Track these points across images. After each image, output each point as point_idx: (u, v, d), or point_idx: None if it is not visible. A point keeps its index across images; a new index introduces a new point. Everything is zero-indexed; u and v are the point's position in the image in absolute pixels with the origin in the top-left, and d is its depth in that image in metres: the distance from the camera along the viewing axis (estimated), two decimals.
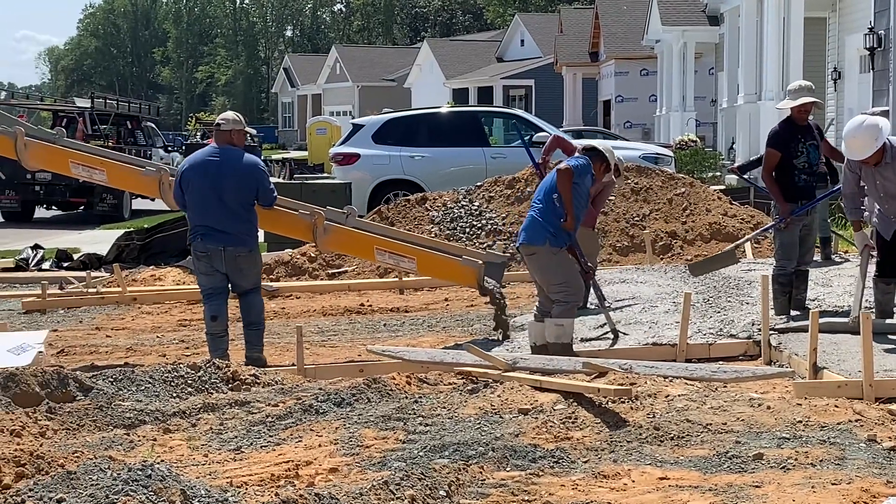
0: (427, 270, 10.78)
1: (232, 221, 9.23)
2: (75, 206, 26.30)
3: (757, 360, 8.76)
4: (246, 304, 9.43)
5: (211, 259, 9.30)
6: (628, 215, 15.13)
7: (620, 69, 41.72)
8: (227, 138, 9.46)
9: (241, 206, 9.28)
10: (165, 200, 10.33)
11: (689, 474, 5.53)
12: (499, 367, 7.62)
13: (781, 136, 9.67)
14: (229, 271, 9.32)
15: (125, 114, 29.76)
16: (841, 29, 21.30)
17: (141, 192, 10.96)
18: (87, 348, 10.55)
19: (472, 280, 10.33)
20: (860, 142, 8.58)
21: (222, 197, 9.21)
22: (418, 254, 10.40)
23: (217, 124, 9.56)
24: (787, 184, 9.64)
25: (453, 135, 19.21)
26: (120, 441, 6.53)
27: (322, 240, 10.16)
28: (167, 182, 10.06)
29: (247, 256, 9.35)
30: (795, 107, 9.64)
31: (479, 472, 5.55)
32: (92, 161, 10.39)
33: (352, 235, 10.36)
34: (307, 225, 10.07)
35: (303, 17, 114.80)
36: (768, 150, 9.74)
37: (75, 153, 10.45)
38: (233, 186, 9.24)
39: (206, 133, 44.54)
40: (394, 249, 10.33)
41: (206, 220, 9.25)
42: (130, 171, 10.44)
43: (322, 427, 6.66)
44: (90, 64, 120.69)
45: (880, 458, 5.70)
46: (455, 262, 10.40)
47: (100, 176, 10.49)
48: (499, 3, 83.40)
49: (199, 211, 9.31)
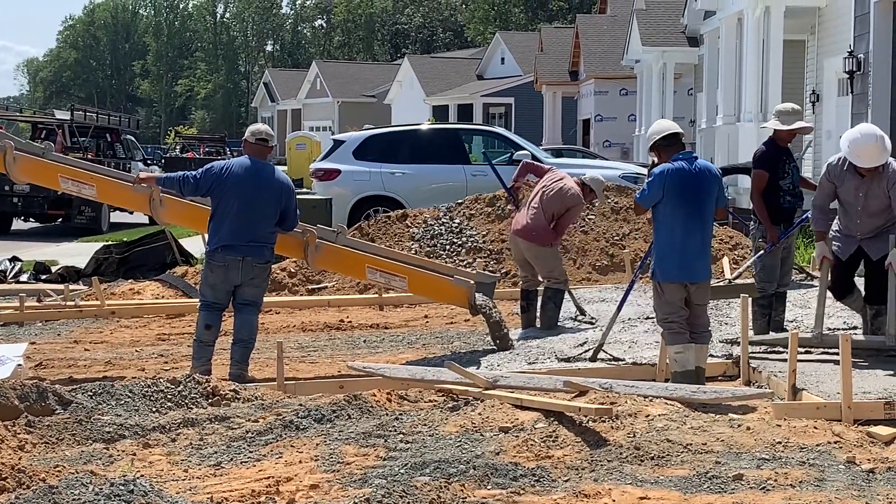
0: (418, 289, 10.76)
1: (258, 233, 9.23)
2: (53, 218, 26.19)
3: (736, 380, 8.79)
4: (243, 320, 9.37)
5: (227, 270, 9.22)
6: (608, 234, 15.17)
7: (600, 88, 41.87)
8: (265, 153, 9.47)
9: (271, 220, 9.30)
10: (156, 216, 10.27)
11: (670, 494, 5.54)
12: (480, 384, 7.63)
13: (769, 157, 9.68)
14: (243, 281, 9.25)
15: (105, 126, 29.67)
16: (820, 52, 21.44)
17: (131, 207, 10.91)
18: (66, 362, 10.50)
19: (463, 299, 10.32)
20: (876, 149, 8.57)
21: (256, 210, 9.19)
22: (410, 273, 10.40)
23: (263, 139, 9.44)
24: (775, 205, 9.67)
25: (434, 152, 19.23)
26: (99, 455, 6.50)
27: (314, 258, 10.12)
28: (158, 198, 9.98)
29: (263, 267, 9.36)
30: (788, 130, 9.65)
31: (460, 490, 5.55)
32: (82, 176, 10.37)
33: (343, 254, 10.34)
34: (299, 242, 10.03)
35: (283, 32, 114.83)
36: (757, 172, 9.70)
37: (65, 168, 10.42)
38: (267, 202, 9.24)
39: (185, 147, 44.41)
40: (385, 268, 10.33)
41: (234, 231, 9.17)
42: (121, 186, 10.40)
43: (302, 443, 6.65)
44: (69, 76, 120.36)
45: (859, 481, 5.73)
46: (446, 282, 10.42)
47: (89, 191, 10.45)
48: (479, 21, 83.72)
49: (232, 220, 9.18)
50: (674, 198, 8.10)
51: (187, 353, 10.75)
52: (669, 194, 8.10)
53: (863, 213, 8.80)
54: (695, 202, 8.14)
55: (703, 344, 8.34)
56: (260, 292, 9.47)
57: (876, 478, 5.79)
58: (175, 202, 10.11)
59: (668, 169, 8.14)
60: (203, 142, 46.88)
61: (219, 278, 9.28)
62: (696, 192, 8.13)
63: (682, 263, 8.15)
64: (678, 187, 8.09)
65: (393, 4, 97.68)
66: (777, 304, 9.83)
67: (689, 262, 8.16)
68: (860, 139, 8.64)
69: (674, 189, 8.09)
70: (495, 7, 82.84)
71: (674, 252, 8.15)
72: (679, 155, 8.23)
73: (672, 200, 8.11)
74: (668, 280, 8.21)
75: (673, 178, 8.10)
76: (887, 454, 6.24)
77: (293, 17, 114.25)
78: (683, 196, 8.10)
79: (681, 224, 8.13)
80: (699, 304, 8.34)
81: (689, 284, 8.21)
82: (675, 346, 8.20)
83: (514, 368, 9.05)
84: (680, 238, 8.13)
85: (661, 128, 8.42)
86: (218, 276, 9.28)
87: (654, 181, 8.15)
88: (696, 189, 8.13)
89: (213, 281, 9.34)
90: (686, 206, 8.12)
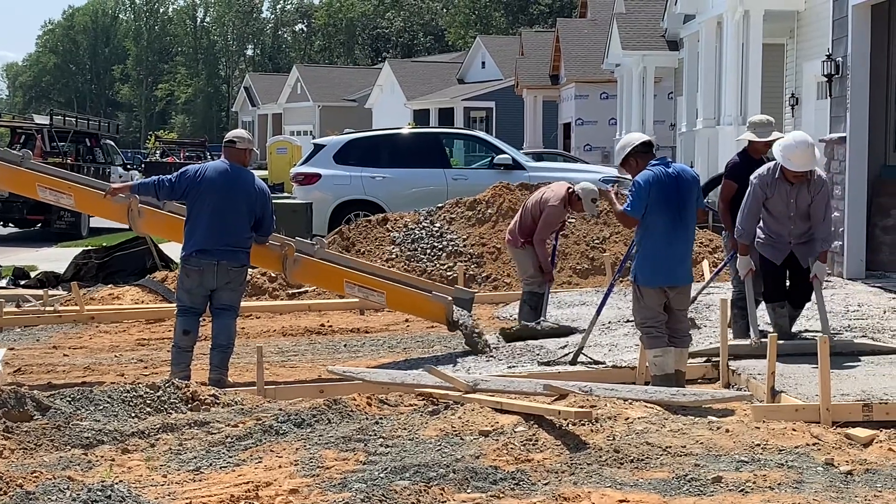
0: (396, 305, 10.82)
1: (232, 239, 9.19)
2: (33, 223, 26.11)
3: (715, 383, 8.81)
4: (220, 325, 9.34)
5: (202, 275, 9.19)
6: (588, 238, 15.19)
7: (580, 92, 41.90)
8: (241, 157, 9.42)
9: (245, 224, 9.26)
10: (134, 227, 10.25)
11: (649, 497, 5.55)
12: (459, 388, 7.62)
13: (740, 169, 9.75)
14: (219, 285, 9.21)
15: (84, 131, 29.56)
16: (799, 55, 21.51)
17: (109, 217, 10.85)
18: (45, 367, 10.46)
19: (440, 315, 10.40)
20: (808, 154, 8.81)
21: (229, 214, 9.17)
22: (388, 288, 10.45)
23: (231, 142, 9.45)
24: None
25: (414, 156, 19.22)
26: (78, 461, 6.48)
27: (291, 271, 10.14)
28: (136, 209, 9.96)
29: (238, 271, 9.32)
30: (762, 143, 9.71)
31: (440, 494, 5.55)
32: (59, 185, 10.34)
33: (321, 268, 10.37)
34: (277, 256, 10.04)
35: (264, 37, 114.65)
36: (726, 182, 9.86)
37: (42, 177, 10.38)
38: (241, 207, 9.22)
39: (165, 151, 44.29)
40: (363, 283, 10.37)
41: (208, 235, 9.15)
42: (99, 196, 10.35)
43: (282, 448, 6.64)
44: (49, 80, 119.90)
45: (837, 482, 5.75)
46: (424, 297, 10.47)
47: (67, 200, 10.43)
48: (460, 25, 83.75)
49: (204, 224, 9.18)
50: (658, 203, 8.11)
51: (167, 359, 10.71)
52: (653, 200, 8.11)
53: (795, 218, 9.04)
54: (678, 206, 8.16)
55: (683, 348, 8.36)
56: (236, 296, 9.44)
57: (854, 479, 5.81)
58: (153, 213, 10.09)
59: (649, 176, 8.15)
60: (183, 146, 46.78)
61: (194, 283, 9.24)
62: (679, 195, 8.16)
63: (664, 268, 8.17)
64: (661, 192, 8.10)
65: (374, 8, 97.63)
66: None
67: (672, 267, 8.19)
68: (793, 144, 8.87)
69: (657, 194, 8.10)
70: (476, 11, 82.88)
71: (657, 257, 8.16)
72: (654, 161, 8.26)
73: (656, 206, 8.12)
74: (649, 284, 8.22)
75: (656, 183, 8.12)
76: (865, 456, 6.26)
77: (273, 22, 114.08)
78: (667, 201, 8.12)
79: (665, 229, 8.15)
80: (680, 308, 8.35)
81: (669, 290, 8.23)
82: (654, 349, 8.22)
83: (494, 372, 9.05)
84: (664, 243, 8.15)
85: (633, 138, 8.47)
86: (194, 281, 9.24)
87: (638, 190, 8.15)
88: (677, 193, 8.16)
89: (188, 286, 9.29)
90: (669, 210, 8.14)
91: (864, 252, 13.34)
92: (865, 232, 13.37)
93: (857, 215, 13.28)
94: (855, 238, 13.26)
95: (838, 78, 13.66)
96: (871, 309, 11.09)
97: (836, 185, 13.51)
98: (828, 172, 13.96)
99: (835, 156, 13.73)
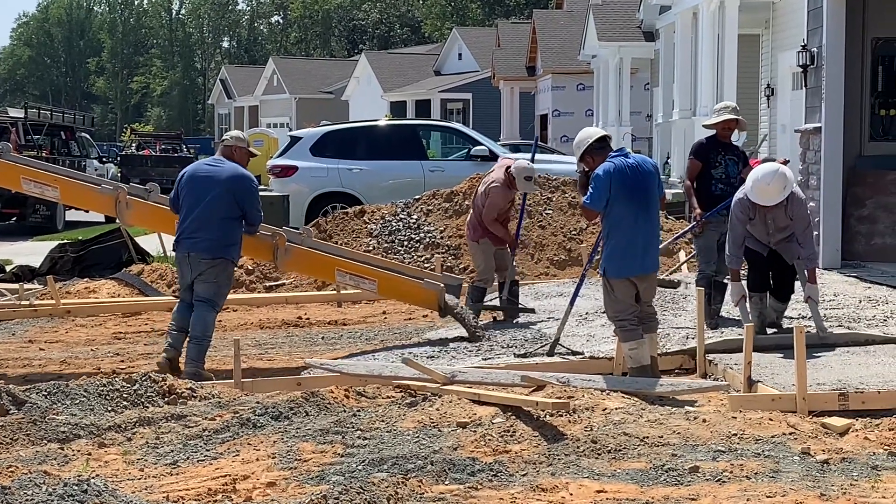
0: (388, 292, 10.89)
1: (206, 229, 9.36)
2: (8, 217, 25.95)
3: (692, 373, 8.83)
4: (195, 316, 9.43)
5: (181, 265, 9.61)
6: (566, 229, 15.21)
7: (557, 84, 41.92)
8: (229, 153, 9.73)
9: (220, 216, 9.39)
10: (121, 219, 10.53)
11: (627, 487, 5.56)
12: (437, 380, 7.63)
13: (703, 147, 10.24)
14: (193, 277, 9.42)
15: (59, 124, 29.42)
16: (774, 46, 21.57)
17: (96, 209, 10.97)
18: (20, 361, 10.42)
19: (432, 302, 10.51)
20: (775, 188, 8.91)
21: (203, 204, 9.37)
22: (379, 275, 10.54)
23: (223, 140, 9.91)
24: (705, 191, 10.11)
25: (392, 148, 19.19)
26: (54, 455, 6.45)
27: (283, 261, 10.26)
28: (125, 200, 10.13)
29: (210, 263, 9.39)
30: (719, 123, 10.11)
31: (418, 486, 5.55)
32: (45, 178, 10.35)
33: (313, 257, 10.50)
34: (268, 246, 10.16)
35: (240, 29, 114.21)
36: (690, 160, 10.32)
37: (27, 169, 10.42)
38: (216, 195, 9.39)
39: (141, 144, 44.04)
40: (355, 271, 10.45)
41: (184, 226, 9.47)
42: (86, 188, 10.44)
43: (259, 441, 6.63)
44: (23, 73, 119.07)
45: (814, 471, 5.78)
46: (416, 285, 10.57)
47: (52, 192, 10.44)
48: (436, 17, 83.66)
49: (183, 216, 9.53)
50: (620, 194, 8.11)
51: (143, 352, 10.71)
52: (616, 192, 8.11)
53: (775, 233, 9.25)
54: (640, 196, 8.18)
55: (653, 332, 8.42)
56: (211, 288, 9.46)
57: (830, 468, 5.84)
58: (141, 204, 10.28)
59: (610, 167, 8.15)
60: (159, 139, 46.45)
61: (179, 270, 9.70)
62: (640, 185, 8.17)
63: (630, 258, 8.18)
64: (623, 183, 8.11)
65: (350, 0, 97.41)
66: (715, 292, 10.00)
67: (639, 256, 8.20)
68: (761, 179, 8.96)
69: (619, 186, 8.11)
70: (452, 3, 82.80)
71: (624, 248, 8.17)
72: (613, 153, 8.27)
73: (618, 197, 8.11)
74: (618, 276, 8.22)
75: (617, 175, 8.12)
76: (841, 445, 6.30)
77: (249, 14, 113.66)
78: (629, 191, 8.12)
79: (629, 219, 8.16)
80: (647, 300, 8.39)
81: (637, 281, 8.23)
82: (629, 343, 8.23)
83: (471, 364, 9.05)
84: (629, 233, 8.16)
85: (589, 133, 8.53)
86: (178, 272, 9.74)
87: (599, 183, 8.13)
88: (639, 183, 8.17)
89: (178, 271, 9.83)
90: (633, 200, 8.14)
91: (840, 242, 13.40)
92: (841, 222, 13.42)
93: (832, 205, 13.33)
94: (830, 228, 13.31)
95: (813, 68, 13.71)
96: (846, 298, 11.14)
97: (812, 175, 13.56)
98: (803, 163, 14.02)
99: (810, 146, 13.78)
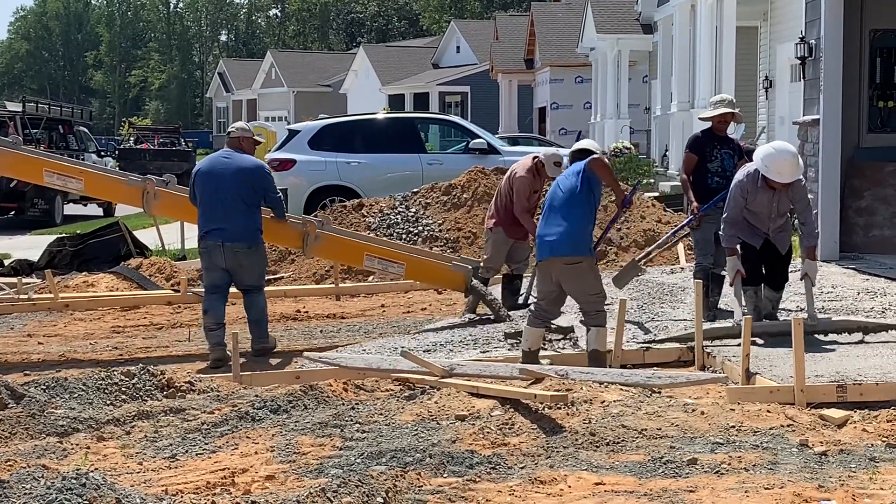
0: (415, 275, 11.33)
1: (231, 218, 9.66)
2: (6, 210, 25.95)
3: (691, 366, 8.84)
4: (248, 302, 9.97)
5: (210, 255, 9.76)
6: None
7: (555, 76, 41.92)
8: (237, 144, 10.00)
9: (242, 203, 9.70)
10: (147, 209, 10.68)
11: (625, 479, 5.57)
12: (436, 373, 7.63)
13: (699, 141, 10.25)
14: (230, 268, 9.76)
15: (57, 118, 29.41)
16: (772, 38, 21.56)
17: (122, 201, 11.22)
18: (19, 355, 10.42)
19: (460, 283, 10.97)
20: (792, 165, 8.92)
21: (224, 194, 9.66)
22: (408, 259, 10.98)
23: (229, 132, 10.12)
24: (701, 185, 10.13)
25: (390, 141, 19.17)
26: (53, 449, 6.45)
27: (312, 247, 10.61)
28: (153, 191, 10.42)
29: (246, 252, 9.77)
30: (715, 116, 10.12)
31: (417, 479, 5.55)
32: (70, 171, 10.48)
33: (343, 243, 10.89)
34: (298, 233, 10.52)
35: (238, 22, 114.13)
36: (686, 154, 10.36)
37: (50, 161, 10.60)
38: (234, 184, 9.67)
39: (139, 138, 44.01)
40: (383, 255, 10.80)
41: (208, 218, 9.74)
42: (112, 180, 10.61)
43: (258, 434, 6.63)
44: (21, 67, 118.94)
45: (812, 463, 5.78)
46: (444, 266, 11.04)
47: (76, 185, 10.56)
48: (435, 10, 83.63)
49: (203, 209, 9.78)
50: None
51: (142, 346, 10.73)
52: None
53: (776, 217, 9.24)
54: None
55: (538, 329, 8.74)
56: (254, 274, 9.92)
57: (828, 460, 5.84)
58: (168, 194, 10.56)
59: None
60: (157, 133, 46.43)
61: (205, 263, 9.89)
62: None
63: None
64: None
65: None
66: (713, 285, 10.01)
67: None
68: (777, 156, 8.94)
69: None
70: None
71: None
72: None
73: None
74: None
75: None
76: (839, 437, 6.30)
77: (247, 7, 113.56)
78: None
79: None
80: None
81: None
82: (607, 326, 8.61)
83: (469, 357, 9.05)
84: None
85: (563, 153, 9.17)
86: (205, 261, 9.90)
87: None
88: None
89: (204, 265, 9.99)
90: None
91: (838, 234, 13.40)
92: (839, 214, 13.42)
93: (830, 197, 13.33)
94: (829, 220, 13.30)
95: (812, 60, 13.70)
96: (844, 290, 11.15)
97: (810, 167, 13.55)
98: (801, 155, 14.00)
99: (808, 138, 13.77)
